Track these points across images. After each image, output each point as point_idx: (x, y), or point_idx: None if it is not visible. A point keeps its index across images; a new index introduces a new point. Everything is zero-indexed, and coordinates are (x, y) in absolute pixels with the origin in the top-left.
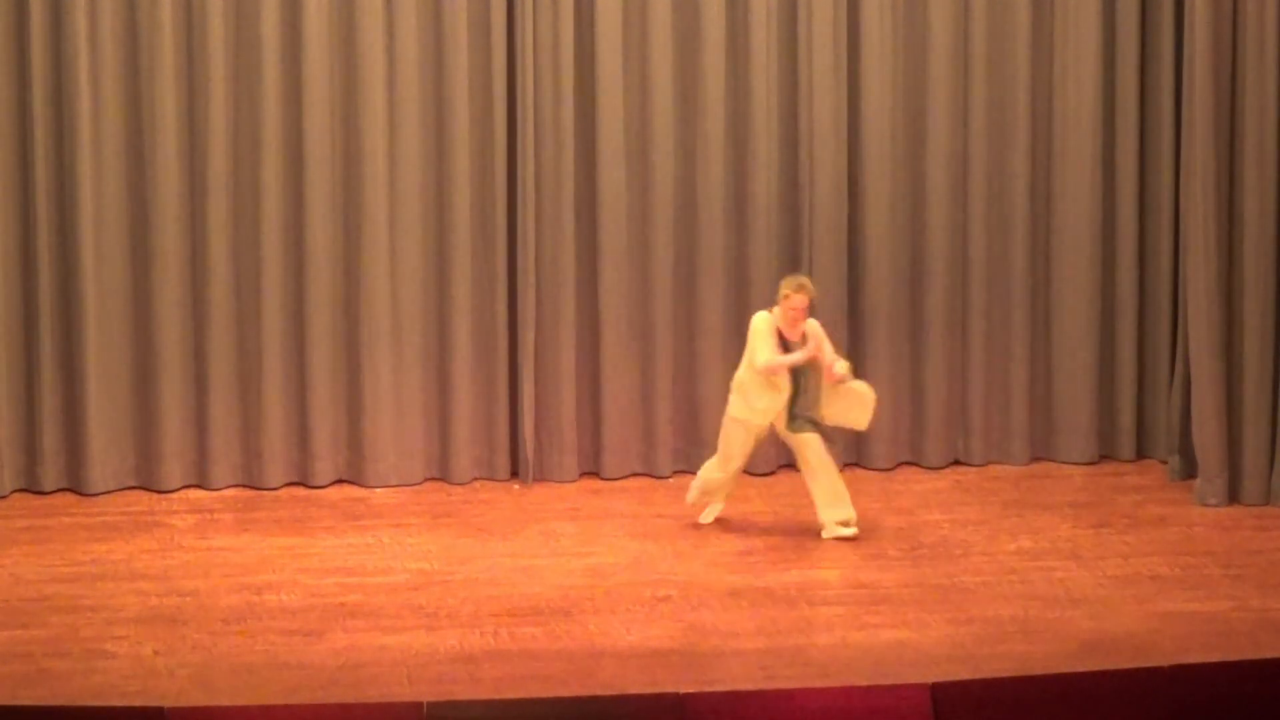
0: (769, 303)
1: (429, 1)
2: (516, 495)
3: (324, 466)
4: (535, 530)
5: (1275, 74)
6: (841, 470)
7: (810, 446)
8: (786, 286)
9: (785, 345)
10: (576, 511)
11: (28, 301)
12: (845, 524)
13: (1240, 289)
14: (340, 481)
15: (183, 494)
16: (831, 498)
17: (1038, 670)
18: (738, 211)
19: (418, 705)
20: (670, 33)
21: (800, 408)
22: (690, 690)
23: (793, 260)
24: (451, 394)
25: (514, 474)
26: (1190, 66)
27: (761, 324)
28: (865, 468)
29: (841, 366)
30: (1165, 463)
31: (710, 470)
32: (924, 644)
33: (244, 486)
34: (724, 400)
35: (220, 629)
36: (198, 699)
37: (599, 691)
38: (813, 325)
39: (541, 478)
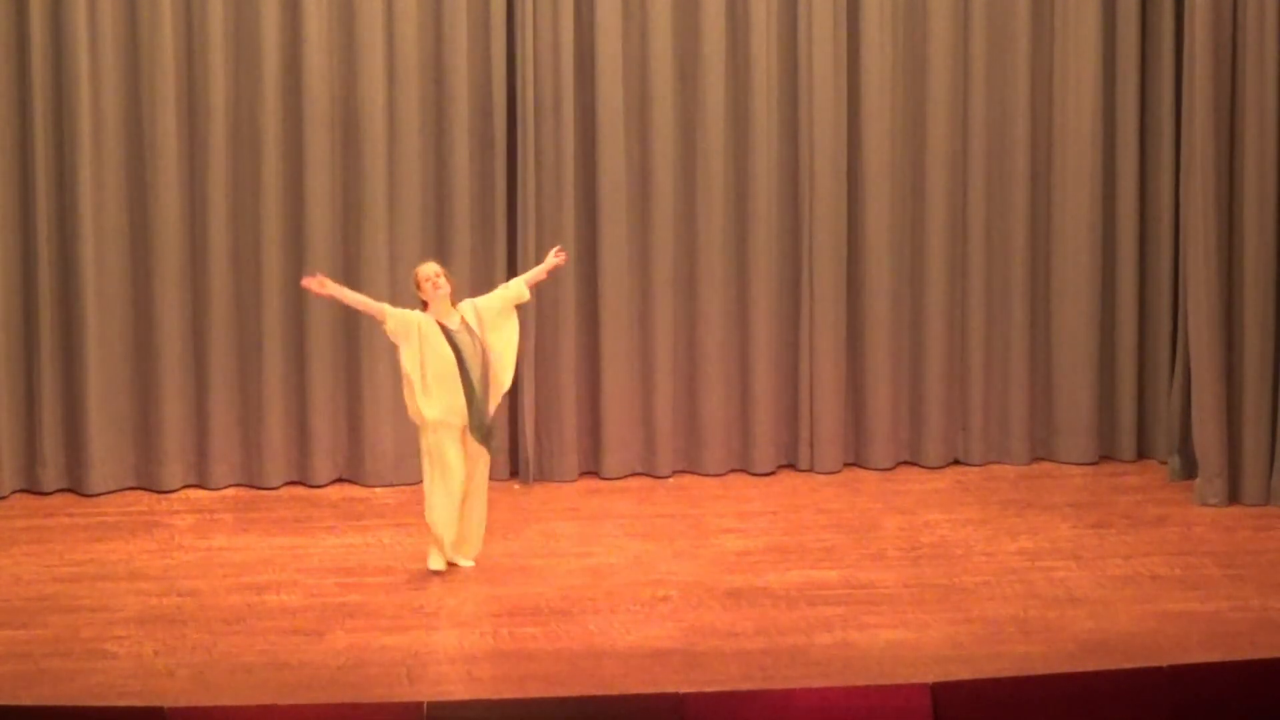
0: (769, 302)
1: (429, 1)
2: (516, 495)
3: (324, 466)
4: (535, 530)
5: (1275, 74)
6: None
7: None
8: (433, 273)
9: (448, 335)
10: (576, 511)
11: (28, 301)
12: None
13: (1240, 289)
14: (340, 481)
15: (183, 494)
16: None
17: (1038, 670)
18: (738, 211)
19: (418, 705)
20: (670, 32)
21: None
22: (690, 690)
23: (793, 260)
24: None
25: (514, 474)
26: (1190, 67)
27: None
28: (865, 468)
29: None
30: (1165, 463)
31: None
32: (924, 644)
33: (244, 486)
34: (724, 400)
35: (220, 629)
36: (198, 699)
37: (599, 691)
38: (469, 305)
39: (541, 478)
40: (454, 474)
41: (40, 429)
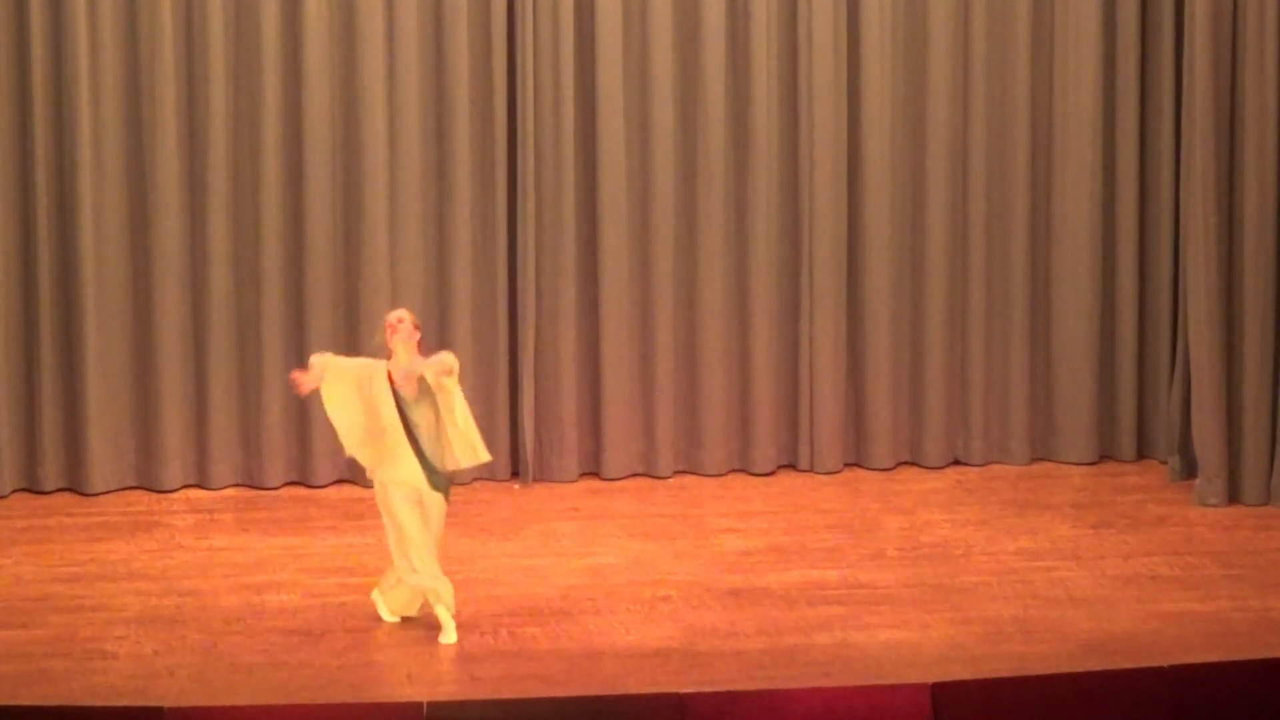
0: (769, 302)
1: (429, 1)
2: (516, 495)
3: (324, 466)
4: (535, 530)
5: (1275, 74)
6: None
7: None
8: (395, 317)
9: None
10: (576, 511)
11: (28, 301)
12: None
13: (1240, 289)
14: (340, 481)
15: (183, 494)
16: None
17: (1038, 670)
18: (738, 212)
19: (418, 705)
20: (671, 34)
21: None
22: (690, 690)
23: (793, 260)
24: None
25: (514, 474)
26: (1190, 66)
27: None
28: (865, 468)
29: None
30: (1165, 463)
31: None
32: (924, 644)
33: (244, 486)
34: (724, 400)
35: (220, 629)
36: (198, 699)
37: (599, 691)
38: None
39: (541, 478)
40: (417, 529)
41: (40, 428)
